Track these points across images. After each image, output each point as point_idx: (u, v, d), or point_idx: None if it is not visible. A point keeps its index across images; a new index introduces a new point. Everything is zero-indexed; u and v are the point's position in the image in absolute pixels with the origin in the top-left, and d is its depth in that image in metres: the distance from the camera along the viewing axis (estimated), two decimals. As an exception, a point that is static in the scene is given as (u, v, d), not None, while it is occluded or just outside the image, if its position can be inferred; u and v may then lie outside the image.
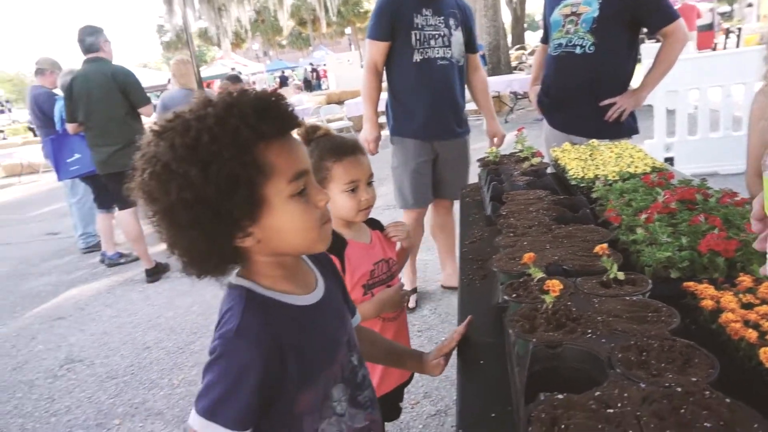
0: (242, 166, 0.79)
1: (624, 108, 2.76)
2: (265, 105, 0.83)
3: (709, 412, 0.72)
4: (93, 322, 4.08)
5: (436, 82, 3.05)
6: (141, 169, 0.82)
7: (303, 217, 0.86)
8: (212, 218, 0.79)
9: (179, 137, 0.79)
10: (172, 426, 2.65)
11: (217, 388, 0.84)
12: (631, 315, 1.02)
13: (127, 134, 4.28)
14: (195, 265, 0.86)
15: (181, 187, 0.77)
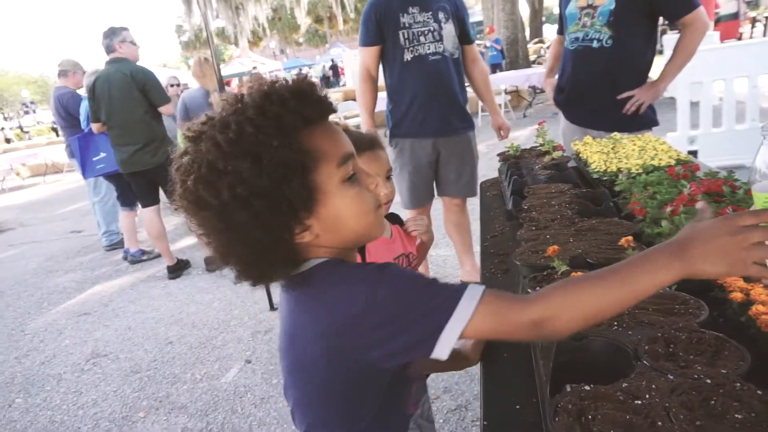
0: (292, 152, 0.76)
1: (642, 101, 2.70)
2: (302, 90, 0.80)
3: (740, 404, 0.71)
4: (117, 317, 4.16)
5: (430, 78, 2.98)
6: (181, 179, 0.79)
7: (358, 201, 0.83)
8: (271, 211, 0.75)
9: (220, 134, 0.76)
10: (195, 419, 2.69)
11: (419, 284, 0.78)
12: (658, 307, 1.01)
13: (148, 133, 4.35)
14: (253, 268, 0.81)
15: (233, 185, 0.74)
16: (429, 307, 0.74)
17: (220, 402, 2.81)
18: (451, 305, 0.74)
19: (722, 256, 0.68)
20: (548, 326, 0.74)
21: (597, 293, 0.73)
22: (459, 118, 3.13)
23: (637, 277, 0.71)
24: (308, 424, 0.93)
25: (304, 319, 0.84)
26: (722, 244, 0.68)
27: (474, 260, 3.58)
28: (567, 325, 0.75)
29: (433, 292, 0.76)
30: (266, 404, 2.71)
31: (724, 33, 9.59)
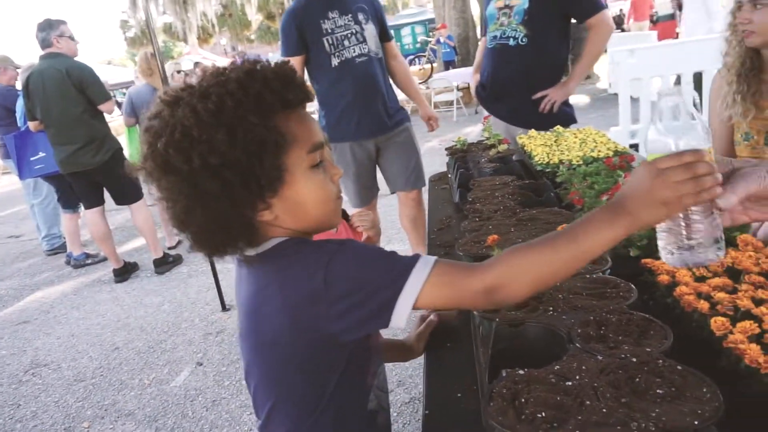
0: (267, 131, 0.77)
1: (555, 100, 2.85)
2: (285, 73, 0.82)
3: (661, 379, 0.75)
4: (59, 324, 3.97)
5: (360, 81, 2.99)
6: (149, 141, 0.79)
7: (321, 189, 0.85)
8: (239, 183, 0.76)
9: (200, 103, 0.76)
10: (143, 426, 2.61)
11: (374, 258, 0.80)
12: (591, 292, 1.04)
13: (88, 132, 4.15)
14: (210, 240, 0.82)
15: (205, 153, 0.74)
16: (383, 279, 0.77)
17: (169, 407, 2.73)
18: (403, 276, 0.76)
19: (655, 200, 0.69)
20: (501, 293, 0.76)
21: (546, 255, 0.75)
22: (391, 114, 3.15)
23: (583, 236, 0.73)
24: (272, 402, 0.92)
25: (268, 293, 0.85)
26: (652, 189, 0.69)
27: (426, 251, 3.62)
28: (519, 291, 0.77)
29: (387, 265, 0.78)
30: (218, 407, 2.66)
31: (661, 33, 10.02)
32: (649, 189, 0.69)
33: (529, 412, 0.72)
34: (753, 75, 1.75)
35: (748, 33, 1.69)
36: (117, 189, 4.46)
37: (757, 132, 1.78)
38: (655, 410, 0.69)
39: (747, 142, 1.81)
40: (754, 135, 1.78)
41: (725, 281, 0.98)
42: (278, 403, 0.93)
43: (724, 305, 0.91)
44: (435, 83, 10.69)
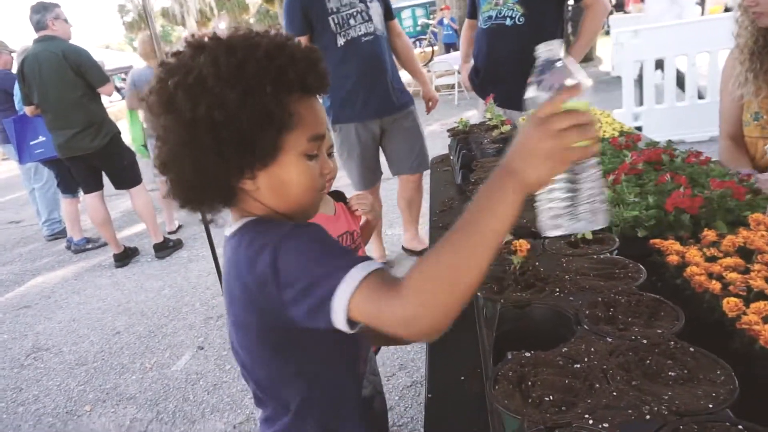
0: (279, 106, 0.76)
1: None
2: (313, 58, 0.81)
3: (673, 361, 0.72)
4: (60, 309, 3.97)
5: (366, 61, 2.96)
6: (162, 77, 0.78)
7: (308, 177, 0.84)
8: (234, 146, 0.75)
9: (224, 56, 0.75)
10: (145, 409, 2.61)
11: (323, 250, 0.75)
12: (599, 272, 1.02)
13: (86, 116, 4.09)
14: (187, 191, 0.81)
15: (213, 106, 0.74)
16: (322, 274, 0.71)
17: (171, 390, 2.73)
18: (337, 277, 0.69)
19: (539, 153, 0.64)
20: (419, 324, 0.66)
21: (449, 260, 0.65)
22: (398, 94, 3.14)
23: (479, 219, 0.65)
24: (255, 383, 0.92)
25: (233, 274, 0.84)
26: (534, 142, 0.65)
27: (416, 230, 3.67)
28: (436, 318, 0.66)
29: (330, 260, 0.73)
30: (219, 390, 2.65)
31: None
32: (532, 142, 0.65)
33: (536, 395, 0.70)
34: (766, 53, 1.71)
35: (758, 14, 1.66)
36: (116, 173, 4.43)
37: (767, 111, 1.74)
38: (668, 393, 0.67)
39: (756, 122, 1.77)
40: (764, 114, 1.75)
41: (737, 261, 0.95)
42: (260, 388, 0.91)
43: (736, 285, 0.88)
44: (436, 66, 10.56)
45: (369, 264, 0.70)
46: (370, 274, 0.68)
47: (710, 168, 1.46)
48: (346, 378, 0.91)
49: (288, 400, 0.89)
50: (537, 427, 0.64)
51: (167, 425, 2.47)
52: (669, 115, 5.38)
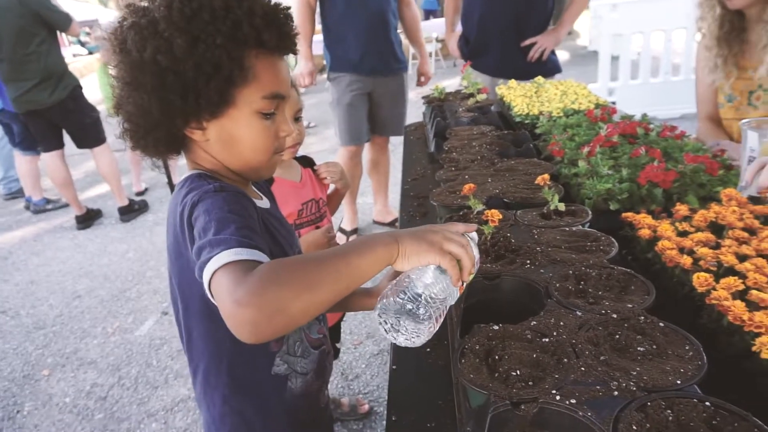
0: (228, 58, 0.75)
1: (545, 47, 2.78)
2: (275, 15, 0.80)
3: (642, 336, 0.71)
4: (18, 271, 3.82)
5: (371, 15, 2.96)
6: (123, 17, 0.79)
7: (259, 136, 0.83)
8: (177, 92, 0.76)
9: (179, 2, 0.75)
10: (106, 374, 2.55)
11: (226, 216, 0.73)
12: (571, 245, 1.00)
13: (44, 68, 3.86)
14: (135, 134, 0.82)
15: (159, 50, 0.74)
16: (210, 240, 0.70)
17: (133, 356, 2.67)
18: (216, 250, 0.68)
19: (424, 237, 0.70)
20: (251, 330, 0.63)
21: (303, 273, 0.64)
22: (395, 58, 3.17)
23: (353, 254, 0.67)
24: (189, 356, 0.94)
25: (169, 221, 0.86)
26: (426, 231, 0.71)
27: (386, 200, 3.71)
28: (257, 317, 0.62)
29: (223, 229, 0.71)
30: (183, 356, 2.57)
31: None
32: (425, 230, 0.72)
33: (503, 369, 0.68)
34: (734, 36, 1.69)
35: None
36: (76, 131, 4.22)
37: (740, 93, 1.74)
38: (636, 368, 0.65)
39: (731, 104, 1.77)
40: (738, 96, 1.75)
41: (708, 236, 0.94)
42: (187, 348, 0.93)
43: (707, 261, 0.87)
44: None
45: (242, 252, 0.67)
46: (238, 261, 0.66)
47: (684, 143, 1.45)
48: (252, 351, 0.88)
49: (198, 362, 0.91)
50: (503, 402, 0.62)
51: (129, 390, 2.42)
52: (643, 91, 5.41)
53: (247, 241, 0.69)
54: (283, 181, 1.48)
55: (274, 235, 0.93)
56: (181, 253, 0.82)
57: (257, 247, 0.70)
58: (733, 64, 1.71)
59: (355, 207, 3.59)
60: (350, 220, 3.55)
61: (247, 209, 0.78)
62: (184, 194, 0.80)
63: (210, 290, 0.67)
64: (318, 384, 1.02)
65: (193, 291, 0.85)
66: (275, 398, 0.95)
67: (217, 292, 0.66)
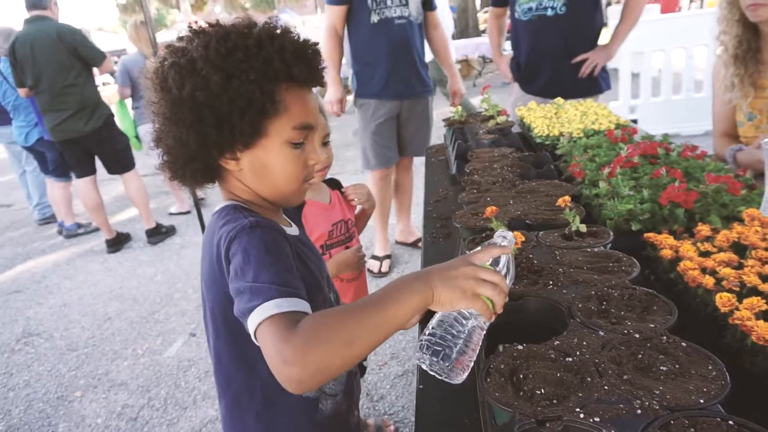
0: (261, 93, 0.81)
1: (597, 62, 2.79)
2: (304, 50, 0.85)
3: (665, 356, 0.72)
4: (51, 294, 3.94)
5: (395, 42, 3.03)
6: (164, 57, 0.85)
7: (290, 165, 0.88)
8: (213, 126, 0.81)
9: (215, 42, 0.81)
10: (136, 396, 2.60)
11: (264, 258, 0.77)
12: (593, 266, 1.01)
13: (81, 98, 4.04)
14: (174, 165, 0.87)
15: (197, 87, 0.79)
16: (250, 286, 0.75)
17: (162, 377, 2.73)
18: (257, 301, 0.72)
19: (456, 283, 0.71)
20: (296, 386, 0.68)
21: (344, 328, 0.68)
22: (420, 81, 3.22)
23: (389, 302, 0.70)
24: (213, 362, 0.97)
25: (205, 251, 0.91)
26: (458, 273, 0.72)
27: (408, 220, 3.74)
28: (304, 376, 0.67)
29: (262, 273, 0.75)
30: (211, 377, 2.63)
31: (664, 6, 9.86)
32: (456, 272, 0.72)
33: (527, 388, 0.70)
34: (750, 56, 1.70)
35: (757, 6, 1.62)
36: (109, 157, 4.38)
37: (759, 111, 1.74)
38: (659, 387, 0.67)
39: (751, 122, 1.77)
40: (758, 114, 1.75)
41: (731, 256, 0.95)
42: (217, 370, 0.97)
43: (730, 281, 0.88)
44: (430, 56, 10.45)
45: (283, 303, 0.72)
46: (282, 314, 0.71)
47: (706, 162, 1.45)
48: None
49: (228, 384, 0.95)
50: (528, 420, 0.64)
51: (158, 412, 2.47)
52: (665, 108, 5.38)
53: (287, 290, 0.74)
54: (314, 203, 1.53)
55: (305, 261, 0.97)
56: (215, 281, 0.87)
57: (297, 294, 0.75)
58: (749, 84, 1.72)
59: (386, 232, 3.57)
60: (383, 247, 3.55)
61: (282, 247, 0.82)
62: (221, 225, 0.86)
63: (255, 337, 0.72)
64: (347, 404, 1.05)
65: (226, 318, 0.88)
66: (307, 420, 0.98)
67: (263, 344, 0.71)
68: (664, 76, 5.41)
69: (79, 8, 18.02)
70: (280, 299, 0.72)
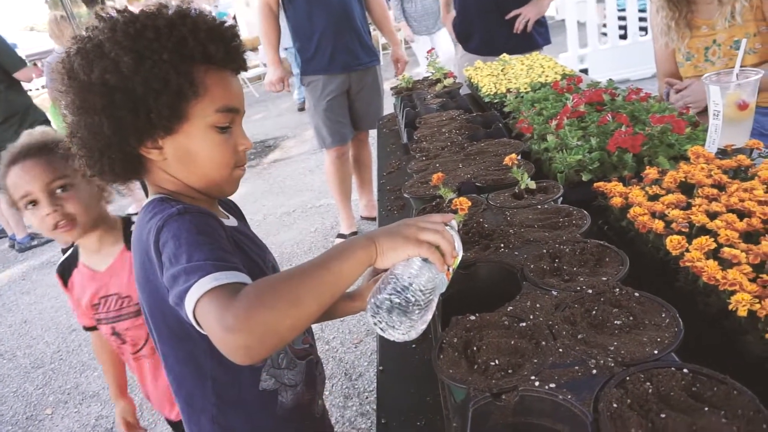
0: (177, 73, 0.76)
1: (528, 17, 2.75)
2: (220, 30, 0.82)
3: (618, 309, 0.70)
4: (9, 312, 3.78)
5: (335, 13, 2.93)
6: (69, 46, 0.80)
7: (218, 150, 0.83)
8: (127, 109, 0.76)
9: (122, 24, 0.77)
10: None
11: (196, 239, 0.72)
12: (544, 223, 0.99)
13: (6, 107, 3.80)
14: (90, 158, 0.81)
15: (106, 70, 0.75)
16: (184, 267, 0.69)
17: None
18: (194, 277, 0.67)
19: (398, 232, 0.71)
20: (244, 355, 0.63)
21: (288, 289, 0.64)
22: (367, 51, 3.13)
23: (327, 264, 0.67)
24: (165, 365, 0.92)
25: (134, 250, 0.85)
26: (399, 226, 0.72)
27: (371, 196, 3.66)
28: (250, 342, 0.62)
29: (196, 253, 0.71)
30: (185, 377, 2.59)
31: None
32: (398, 226, 0.73)
33: (481, 361, 0.67)
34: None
35: None
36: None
37: (696, 50, 1.73)
38: (614, 343, 0.65)
39: (689, 62, 1.77)
40: (695, 54, 1.74)
41: (679, 197, 0.94)
42: (168, 370, 0.92)
43: (678, 223, 0.86)
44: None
45: (221, 276, 0.67)
46: (220, 286, 0.66)
47: (650, 104, 1.44)
48: (236, 369, 0.86)
49: (179, 387, 0.91)
50: (483, 395, 0.61)
51: (134, 419, 2.41)
52: (613, 55, 5.41)
53: (224, 264, 0.69)
54: (84, 268, 1.34)
55: (246, 252, 0.92)
56: (149, 280, 0.81)
57: (235, 267, 0.70)
58: (685, 25, 1.71)
59: (350, 210, 3.53)
60: (348, 224, 3.51)
61: (215, 229, 0.77)
62: (148, 219, 0.80)
63: (195, 318, 0.67)
64: (310, 395, 1.01)
65: (165, 317, 0.83)
66: (266, 414, 0.94)
67: (204, 320, 0.65)
68: (609, 22, 5.43)
69: (8, 7, 16.97)
70: (217, 273, 0.67)
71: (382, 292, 0.68)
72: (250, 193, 4.80)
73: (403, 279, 0.68)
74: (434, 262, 0.69)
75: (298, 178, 5.01)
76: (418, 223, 0.72)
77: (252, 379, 0.91)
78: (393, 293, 0.67)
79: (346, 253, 0.68)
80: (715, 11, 1.62)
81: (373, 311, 0.67)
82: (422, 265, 0.69)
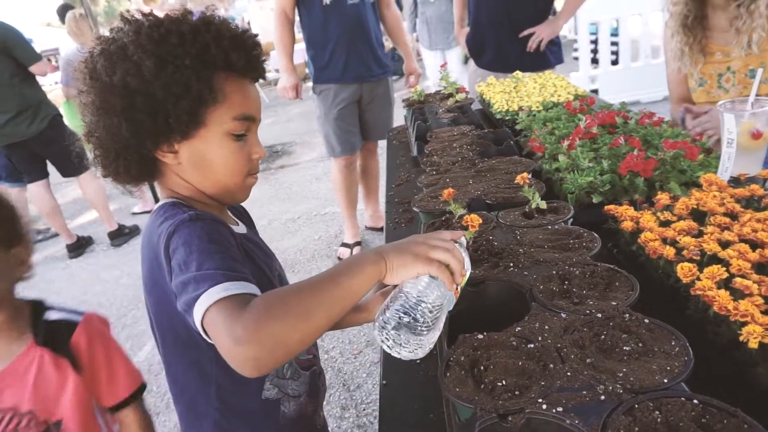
0: (197, 79, 0.77)
1: (542, 37, 2.75)
2: (242, 39, 0.83)
3: (628, 335, 0.70)
4: None
5: (349, 23, 2.95)
6: (93, 47, 0.81)
7: (232, 157, 0.84)
8: (147, 113, 0.77)
9: (147, 28, 0.78)
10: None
11: (207, 247, 0.72)
12: (554, 244, 0.98)
13: (20, 100, 3.82)
14: (106, 158, 0.83)
15: (128, 72, 0.76)
16: (194, 275, 0.70)
17: None
18: (203, 287, 0.68)
19: (408, 250, 0.71)
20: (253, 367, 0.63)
21: (297, 303, 0.64)
22: (379, 63, 3.15)
23: (336, 279, 0.67)
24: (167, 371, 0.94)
25: (143, 253, 0.86)
26: (408, 243, 0.72)
27: (377, 207, 3.67)
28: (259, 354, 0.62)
29: (207, 262, 0.71)
30: (183, 380, 2.58)
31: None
32: (408, 243, 0.72)
33: (488, 380, 0.66)
34: (697, 24, 1.69)
35: None
36: (59, 159, 4.18)
37: (709, 77, 1.74)
38: (623, 369, 0.64)
39: (702, 88, 1.77)
40: (708, 80, 1.75)
41: (690, 224, 0.93)
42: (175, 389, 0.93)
43: (690, 250, 0.86)
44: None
45: (231, 286, 0.67)
46: (230, 296, 0.66)
47: (663, 129, 1.44)
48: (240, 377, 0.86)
49: (181, 393, 0.92)
50: (489, 416, 0.61)
51: (130, 419, 2.40)
52: (624, 76, 5.43)
53: (234, 274, 0.69)
54: None
55: (253, 260, 0.92)
56: (157, 284, 0.82)
57: (245, 278, 0.70)
58: (699, 51, 1.72)
59: (355, 219, 3.53)
60: (352, 233, 3.50)
61: (226, 237, 0.78)
62: (159, 223, 0.80)
63: (203, 327, 0.67)
64: (313, 405, 1.01)
65: (172, 322, 0.83)
66: (269, 423, 0.94)
67: (212, 330, 0.66)
68: (621, 44, 5.45)
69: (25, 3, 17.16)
70: (227, 283, 0.68)
71: (390, 310, 0.67)
72: (257, 197, 4.81)
73: (412, 297, 0.67)
74: (443, 281, 0.69)
75: (304, 185, 5.03)
76: (428, 240, 0.72)
77: (255, 387, 0.91)
78: (401, 311, 0.67)
79: (355, 269, 0.68)
80: (732, 39, 1.62)
81: (380, 327, 0.67)
82: (431, 283, 0.69)
